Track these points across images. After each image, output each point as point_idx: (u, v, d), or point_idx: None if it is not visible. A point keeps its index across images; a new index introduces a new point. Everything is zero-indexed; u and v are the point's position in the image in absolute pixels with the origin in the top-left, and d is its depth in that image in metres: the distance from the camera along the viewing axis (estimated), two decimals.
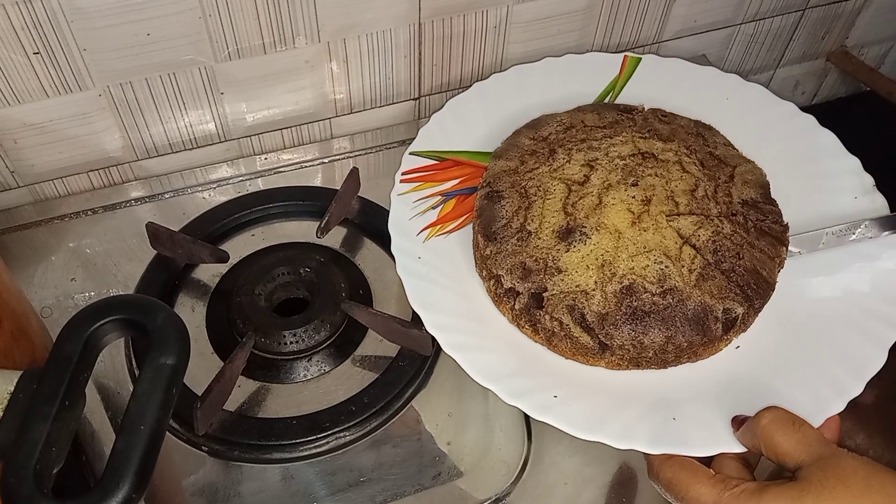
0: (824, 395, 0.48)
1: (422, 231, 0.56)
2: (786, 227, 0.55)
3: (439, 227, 0.57)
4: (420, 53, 0.69)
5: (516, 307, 0.52)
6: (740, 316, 0.52)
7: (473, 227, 0.56)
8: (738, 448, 0.46)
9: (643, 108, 0.63)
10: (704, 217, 0.53)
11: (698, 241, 0.52)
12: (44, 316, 0.57)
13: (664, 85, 0.66)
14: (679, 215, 0.53)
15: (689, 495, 0.43)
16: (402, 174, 0.59)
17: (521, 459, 0.52)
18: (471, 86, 0.65)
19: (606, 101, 0.66)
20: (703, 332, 0.50)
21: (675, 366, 0.52)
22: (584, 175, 0.56)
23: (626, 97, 0.66)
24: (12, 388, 0.39)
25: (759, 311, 0.52)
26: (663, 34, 0.77)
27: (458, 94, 0.64)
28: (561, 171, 0.56)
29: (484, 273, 0.54)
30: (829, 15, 0.84)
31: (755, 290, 0.52)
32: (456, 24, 0.67)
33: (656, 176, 0.55)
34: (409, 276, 0.53)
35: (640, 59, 0.68)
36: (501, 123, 0.63)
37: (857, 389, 0.48)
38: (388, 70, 0.69)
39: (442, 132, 0.62)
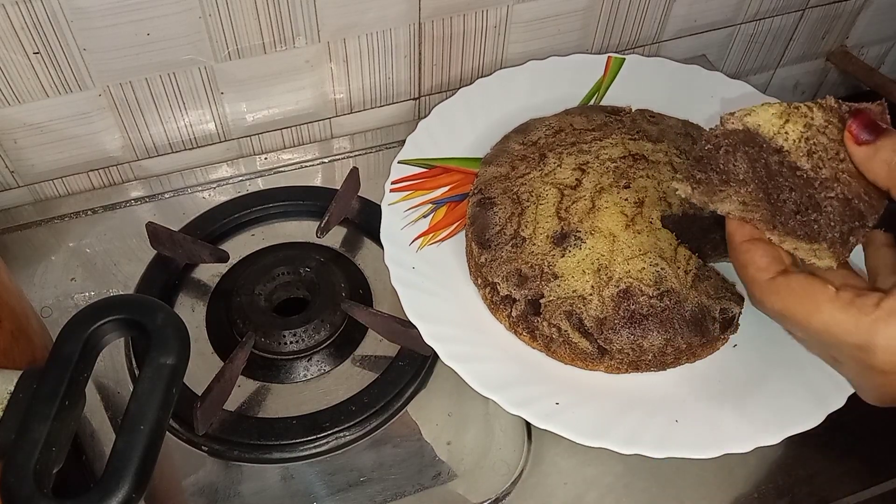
0: (823, 390, 0.48)
1: (414, 240, 0.56)
2: (884, 106, 0.41)
3: (431, 235, 0.57)
4: (420, 53, 0.69)
5: (513, 314, 0.52)
6: (737, 315, 0.52)
7: (467, 235, 0.56)
8: (743, 449, 0.46)
9: (630, 110, 0.63)
10: (788, 105, 0.40)
11: (786, 140, 0.39)
12: (44, 316, 0.57)
13: (649, 85, 0.67)
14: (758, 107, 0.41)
15: (813, 325, 0.36)
16: (392, 183, 0.59)
17: (521, 459, 0.52)
18: (457, 90, 0.65)
19: (592, 102, 0.66)
20: (701, 333, 0.50)
21: (674, 367, 0.52)
22: (576, 179, 0.56)
23: (611, 98, 0.66)
24: (12, 388, 0.39)
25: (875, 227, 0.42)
26: (663, 34, 0.77)
27: (446, 99, 0.64)
28: (552, 176, 0.56)
29: (479, 281, 0.54)
30: (829, 15, 0.84)
31: (868, 203, 0.39)
32: (456, 24, 0.67)
33: (648, 177, 0.55)
34: (405, 287, 0.53)
35: (624, 59, 0.68)
36: (488, 129, 0.63)
37: None
38: (388, 70, 0.69)
39: (430, 139, 0.62)
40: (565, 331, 0.50)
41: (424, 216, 0.58)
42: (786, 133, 0.39)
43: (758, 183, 0.41)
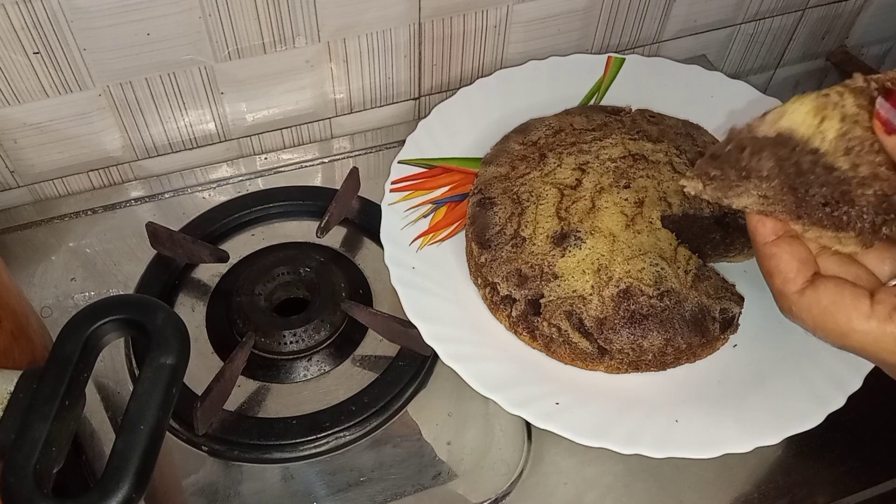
0: (824, 391, 0.48)
1: (414, 240, 0.56)
2: None
3: (431, 235, 0.57)
4: (420, 53, 0.69)
5: (513, 314, 0.52)
6: (737, 315, 0.52)
7: (467, 235, 0.56)
8: (743, 449, 0.46)
9: (630, 110, 0.63)
10: (817, 95, 0.35)
11: (823, 141, 0.35)
12: (44, 316, 0.57)
13: (649, 85, 0.67)
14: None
15: (849, 344, 0.34)
16: (392, 183, 0.59)
17: (521, 459, 0.52)
18: (457, 90, 0.65)
19: (592, 102, 0.66)
20: (701, 333, 0.50)
21: (674, 367, 0.52)
22: (576, 179, 0.56)
23: (611, 98, 0.66)
24: (12, 388, 0.39)
25: None
26: (663, 34, 0.77)
27: (446, 99, 0.64)
28: (552, 176, 0.56)
29: (479, 281, 0.54)
30: (829, 15, 0.84)
31: None
32: (456, 24, 0.67)
33: (648, 177, 0.55)
34: (405, 287, 0.53)
35: (624, 59, 0.68)
36: (489, 128, 0.63)
37: (856, 384, 0.48)
38: (388, 70, 0.69)
39: (430, 139, 0.62)
40: (565, 331, 0.50)
41: (424, 216, 0.58)
42: (822, 134, 0.35)
43: (783, 179, 0.37)
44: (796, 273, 0.36)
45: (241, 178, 0.67)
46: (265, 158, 0.69)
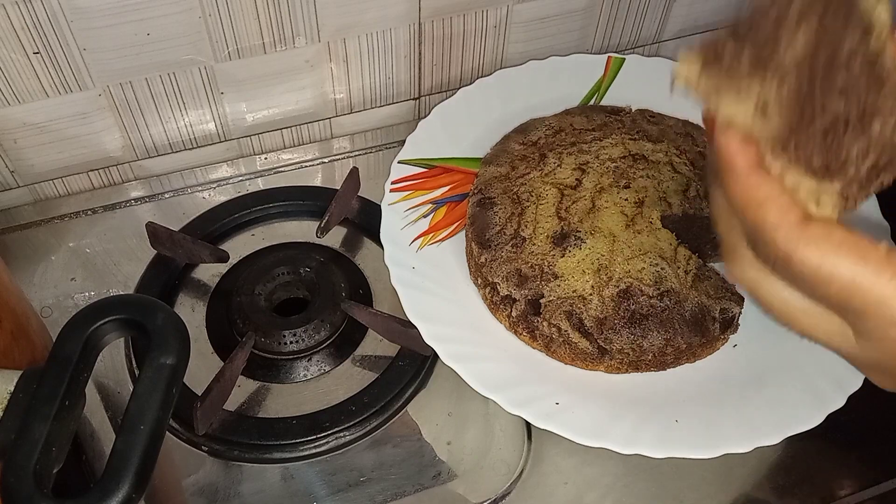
0: (824, 391, 0.48)
1: (414, 240, 0.56)
2: None
3: (431, 235, 0.57)
4: (420, 53, 0.69)
5: (513, 314, 0.52)
6: (737, 315, 0.52)
7: (467, 235, 0.56)
8: (743, 449, 0.46)
9: (630, 110, 0.63)
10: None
11: (879, 20, 0.29)
12: (44, 316, 0.57)
13: (649, 85, 0.67)
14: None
15: (857, 291, 0.28)
16: (392, 183, 0.59)
17: (521, 459, 0.52)
18: (457, 90, 0.65)
19: (592, 102, 0.66)
20: (701, 333, 0.50)
21: (674, 367, 0.52)
22: (576, 179, 0.56)
23: (611, 98, 0.66)
24: (12, 388, 0.39)
25: None
26: (663, 34, 0.77)
27: (446, 99, 0.64)
28: (552, 176, 0.56)
29: (479, 281, 0.54)
30: None
31: None
32: (456, 24, 0.67)
33: (648, 177, 0.55)
34: (405, 287, 0.53)
35: (624, 59, 0.68)
36: (488, 129, 0.63)
37: (856, 384, 0.48)
38: (388, 70, 0.69)
39: (430, 139, 0.62)
40: (565, 331, 0.50)
41: (424, 216, 0.58)
42: (879, 13, 0.28)
43: (803, 76, 0.29)
44: (790, 203, 0.29)
45: (241, 178, 0.67)
46: (265, 158, 0.69)
